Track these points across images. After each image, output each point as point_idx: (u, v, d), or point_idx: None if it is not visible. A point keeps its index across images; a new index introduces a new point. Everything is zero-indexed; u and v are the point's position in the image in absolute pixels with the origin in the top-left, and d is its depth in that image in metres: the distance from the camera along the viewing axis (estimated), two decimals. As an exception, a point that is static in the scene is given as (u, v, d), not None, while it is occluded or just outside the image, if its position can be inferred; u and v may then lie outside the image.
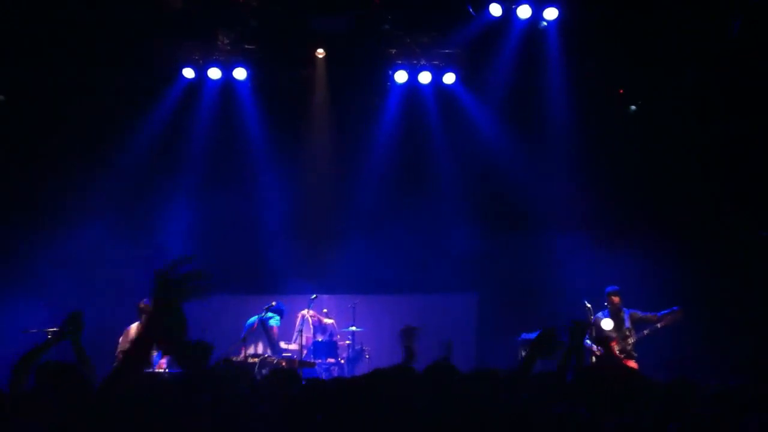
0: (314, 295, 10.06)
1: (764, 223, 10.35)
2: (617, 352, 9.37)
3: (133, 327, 8.88)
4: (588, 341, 9.47)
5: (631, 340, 9.40)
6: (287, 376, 3.77)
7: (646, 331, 9.36)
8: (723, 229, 10.48)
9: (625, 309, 9.59)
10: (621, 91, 11.41)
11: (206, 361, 2.84)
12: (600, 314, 9.62)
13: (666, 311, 9.26)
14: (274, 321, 9.61)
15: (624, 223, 10.92)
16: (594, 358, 9.46)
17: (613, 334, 9.50)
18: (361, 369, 9.87)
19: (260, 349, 9.54)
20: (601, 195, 10.98)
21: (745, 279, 10.20)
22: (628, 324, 9.51)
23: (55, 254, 9.91)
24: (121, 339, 8.92)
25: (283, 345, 9.82)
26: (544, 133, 11.26)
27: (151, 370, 8.60)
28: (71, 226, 9.97)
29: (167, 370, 8.44)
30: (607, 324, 9.52)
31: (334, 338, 10.08)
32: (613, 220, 10.96)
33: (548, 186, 11.27)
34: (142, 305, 8.71)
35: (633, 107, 11.51)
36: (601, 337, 9.22)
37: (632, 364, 9.27)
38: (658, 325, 9.27)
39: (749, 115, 10.28)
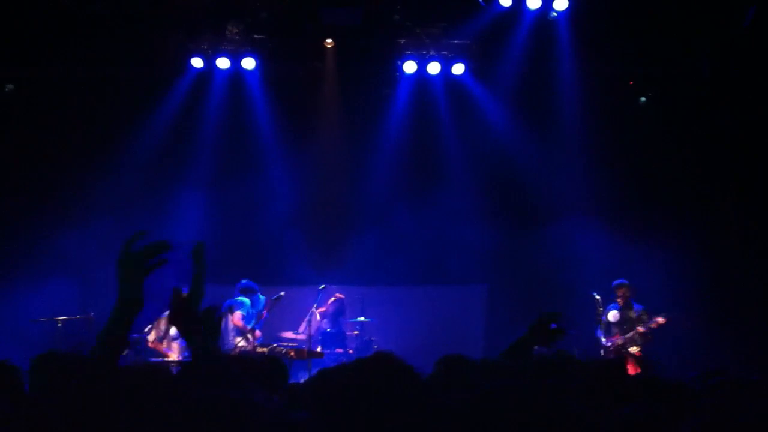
0: (323, 286, 10.06)
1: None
2: (620, 346, 9.37)
3: (163, 319, 8.87)
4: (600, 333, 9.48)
5: (636, 336, 9.38)
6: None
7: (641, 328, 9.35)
8: (738, 223, 10.40)
9: (636, 304, 9.55)
10: (630, 82, 11.33)
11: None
12: (610, 306, 9.61)
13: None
14: (242, 309, 9.24)
15: (637, 216, 10.85)
16: (603, 352, 9.47)
17: (615, 329, 9.52)
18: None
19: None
20: (613, 187, 10.92)
21: (762, 273, 10.13)
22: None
23: (68, 249, 9.98)
24: (152, 329, 8.98)
25: (290, 335, 9.86)
26: (555, 124, 11.20)
27: (159, 359, 8.71)
28: (80, 223, 10.03)
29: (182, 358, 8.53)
30: (613, 316, 9.53)
31: (343, 329, 10.12)
32: (626, 212, 10.90)
33: (559, 177, 11.22)
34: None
35: (642, 98, 11.44)
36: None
37: (633, 359, 9.26)
38: (654, 324, 9.27)
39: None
